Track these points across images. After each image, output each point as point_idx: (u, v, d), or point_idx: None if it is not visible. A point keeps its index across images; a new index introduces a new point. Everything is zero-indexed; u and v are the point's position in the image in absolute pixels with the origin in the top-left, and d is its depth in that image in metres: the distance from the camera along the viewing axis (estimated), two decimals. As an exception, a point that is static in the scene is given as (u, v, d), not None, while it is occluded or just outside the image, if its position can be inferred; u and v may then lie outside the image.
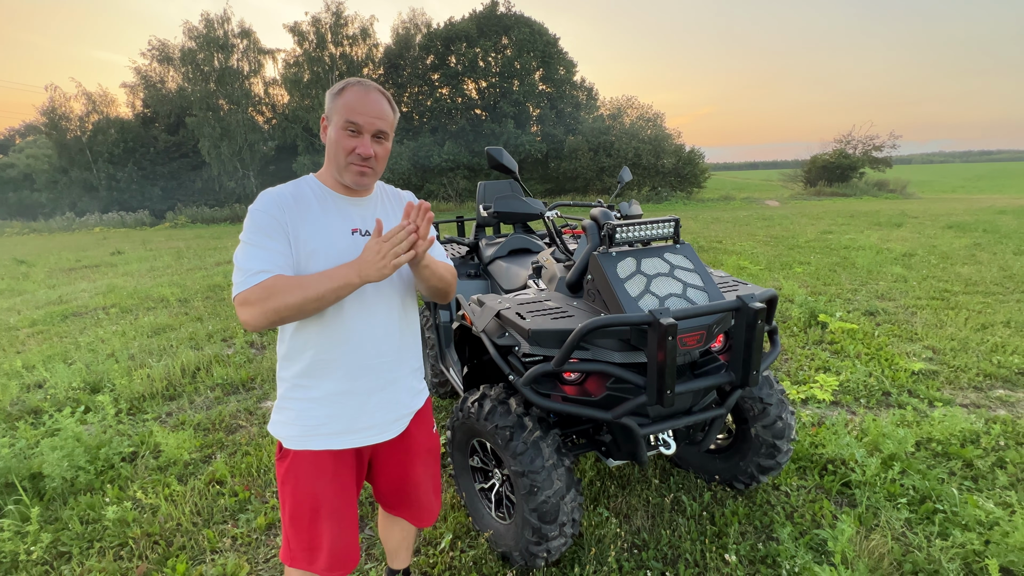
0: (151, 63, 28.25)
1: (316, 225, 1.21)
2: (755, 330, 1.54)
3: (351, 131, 1.20)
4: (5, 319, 6.09)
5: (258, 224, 1.17)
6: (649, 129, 26.47)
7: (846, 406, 3.10)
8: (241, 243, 1.17)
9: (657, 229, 1.77)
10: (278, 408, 1.32)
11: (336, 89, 1.21)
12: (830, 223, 12.33)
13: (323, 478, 1.29)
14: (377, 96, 1.22)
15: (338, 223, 1.24)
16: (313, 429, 1.28)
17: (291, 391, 1.28)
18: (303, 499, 1.29)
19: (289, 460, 1.29)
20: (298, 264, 1.18)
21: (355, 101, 1.19)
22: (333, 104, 1.20)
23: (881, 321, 4.63)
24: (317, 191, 1.26)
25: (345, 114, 1.18)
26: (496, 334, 1.84)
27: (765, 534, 2.03)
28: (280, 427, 1.31)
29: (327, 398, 1.27)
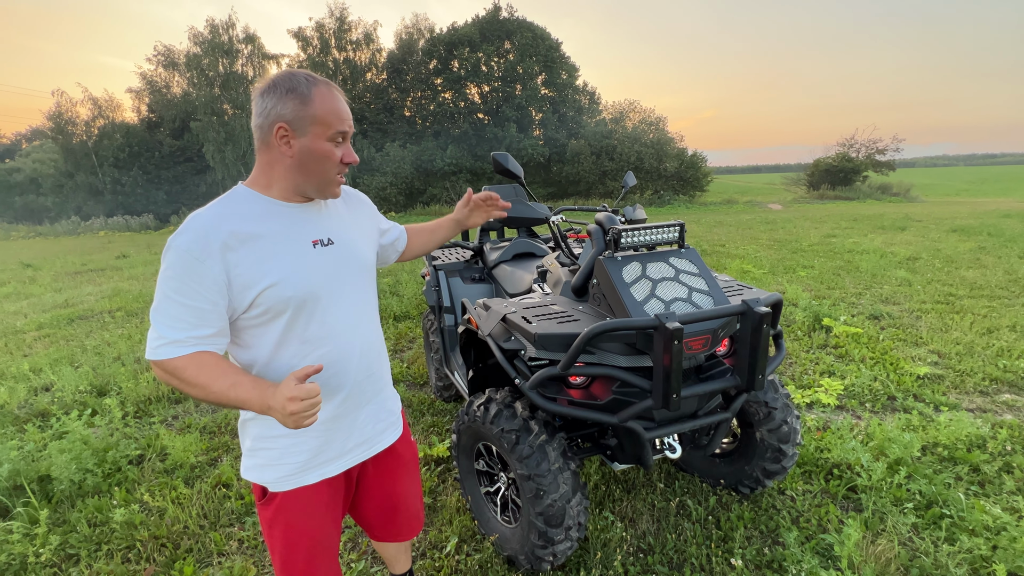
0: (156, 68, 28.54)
1: (267, 253, 1.03)
2: (760, 334, 1.55)
3: (338, 141, 1.07)
4: (12, 322, 6.13)
5: (178, 271, 0.97)
6: (651, 133, 26.52)
7: (851, 410, 3.09)
8: (159, 286, 0.99)
9: (662, 233, 1.78)
10: (251, 452, 1.16)
11: (293, 90, 1.01)
12: (833, 227, 12.31)
13: (317, 512, 1.20)
14: (341, 94, 1.09)
15: (294, 239, 1.08)
16: (303, 465, 1.16)
17: (267, 430, 1.13)
18: (297, 540, 1.18)
19: (277, 503, 1.17)
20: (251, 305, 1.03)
21: (334, 106, 1.05)
22: (302, 111, 1.01)
23: (886, 325, 4.62)
24: (262, 208, 1.07)
25: (331, 124, 1.04)
26: (502, 338, 1.85)
27: (771, 538, 2.03)
28: (260, 471, 1.16)
29: (316, 428, 1.15)
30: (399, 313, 5.50)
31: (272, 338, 1.07)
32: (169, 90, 28.81)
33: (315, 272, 1.08)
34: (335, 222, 1.18)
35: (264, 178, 1.09)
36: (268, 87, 1.03)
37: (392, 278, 7.33)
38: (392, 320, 5.29)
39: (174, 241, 0.99)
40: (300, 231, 1.09)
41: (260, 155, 1.08)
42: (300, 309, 1.07)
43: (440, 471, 2.56)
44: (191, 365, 0.99)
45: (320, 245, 1.11)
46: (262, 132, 1.05)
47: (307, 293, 1.07)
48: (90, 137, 28.45)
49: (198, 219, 1.01)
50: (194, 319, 0.99)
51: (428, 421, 3.10)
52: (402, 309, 5.60)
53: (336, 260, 1.13)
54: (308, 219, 1.12)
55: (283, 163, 1.06)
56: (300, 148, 1.04)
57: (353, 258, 1.18)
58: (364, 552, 2.06)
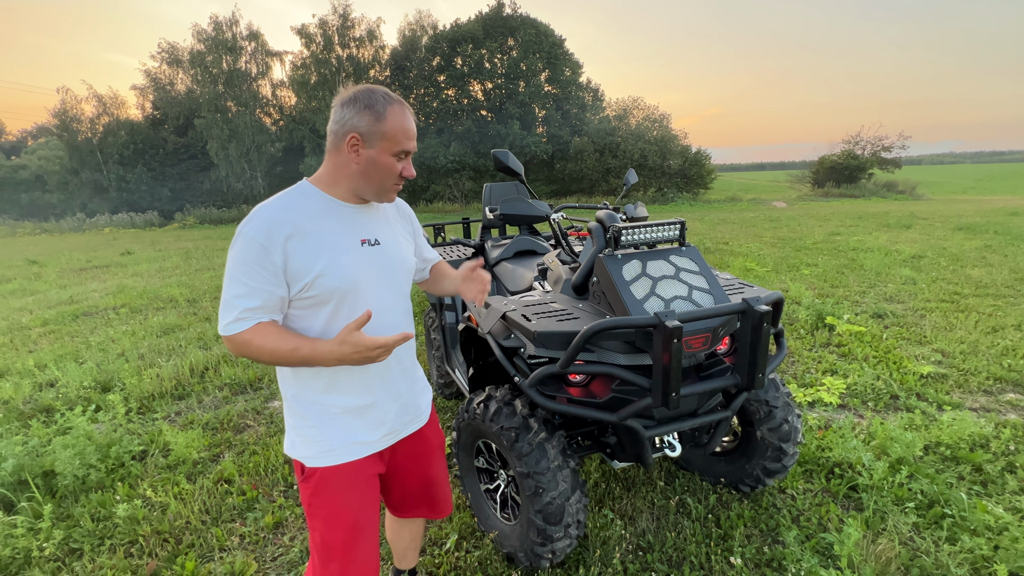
0: (161, 65, 28.62)
1: (321, 246, 1.14)
2: (761, 333, 1.54)
3: (401, 156, 1.17)
4: (18, 318, 6.18)
5: (246, 255, 1.09)
6: (655, 130, 26.42)
7: (853, 409, 3.08)
8: (228, 268, 1.11)
9: (663, 231, 1.78)
10: (294, 428, 1.25)
11: (371, 106, 1.11)
12: (838, 224, 12.24)
13: (356, 490, 1.25)
14: (411, 114, 1.18)
15: (346, 236, 1.19)
16: (341, 439, 1.24)
17: (309, 409, 1.23)
18: (340, 517, 1.22)
19: (316, 479, 1.22)
20: (303, 289, 1.13)
21: (404, 125, 1.14)
22: (375, 127, 1.11)
23: (889, 324, 4.60)
24: (321, 204, 1.18)
25: (399, 142, 1.14)
26: (502, 336, 1.85)
27: (771, 537, 2.02)
28: (301, 447, 1.24)
29: (354, 411, 1.25)
30: (401, 310, 5.50)
31: (319, 322, 1.17)
32: (173, 87, 28.90)
33: (360, 267, 1.18)
34: (383, 226, 1.28)
35: (329, 178, 1.19)
36: (350, 99, 1.12)
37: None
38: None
39: (244, 228, 1.09)
40: (352, 229, 1.20)
41: (330, 157, 1.18)
42: (344, 299, 1.16)
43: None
44: (256, 336, 1.10)
45: (367, 244, 1.22)
46: (336, 138, 1.15)
47: (350, 285, 1.16)
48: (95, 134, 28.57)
49: (266, 209, 1.12)
50: (256, 298, 1.09)
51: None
52: (404, 306, 5.60)
53: (380, 259, 1.23)
54: (361, 220, 1.23)
55: (349, 168, 1.16)
56: (367, 158, 1.14)
57: (395, 259, 1.28)
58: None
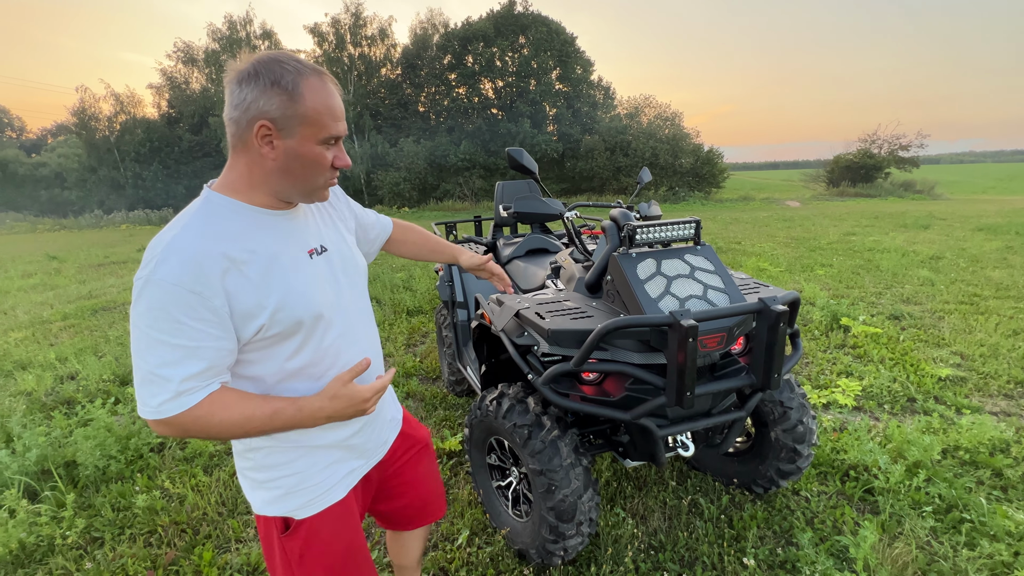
0: (176, 64, 29.05)
1: (273, 270, 0.90)
2: (777, 333, 1.53)
3: (330, 143, 0.92)
4: (39, 312, 6.32)
5: (169, 310, 0.81)
6: (667, 128, 26.22)
7: (869, 412, 3.04)
8: (139, 331, 0.82)
9: (678, 230, 1.77)
10: (262, 484, 1.03)
11: (278, 82, 0.84)
12: (853, 224, 12.06)
13: (351, 523, 1.12)
14: (336, 87, 0.92)
15: (292, 252, 0.95)
16: (330, 479, 1.08)
17: (284, 457, 1.02)
18: (337, 560, 1.08)
19: (305, 532, 1.05)
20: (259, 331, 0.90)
21: (328, 103, 0.88)
22: (290, 109, 0.85)
23: (906, 325, 4.53)
24: (246, 220, 0.91)
25: (324, 125, 0.88)
26: (515, 333, 1.86)
27: (784, 539, 2.01)
28: (280, 503, 1.03)
29: (337, 444, 1.08)
30: (412, 308, 5.54)
31: (279, 360, 0.96)
32: (188, 86, 29.31)
33: (318, 284, 0.98)
34: (322, 225, 1.07)
35: (243, 182, 0.92)
36: (248, 74, 0.84)
37: (405, 272, 7.37)
38: (405, 315, 5.34)
39: (155, 275, 0.80)
40: (294, 242, 0.96)
41: (236, 155, 0.91)
42: (314, 325, 0.97)
43: (452, 464, 2.59)
44: (214, 409, 0.86)
45: (315, 254, 1.00)
46: (239, 128, 0.87)
47: (317, 310, 0.96)
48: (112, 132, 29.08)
49: (180, 243, 0.83)
50: (199, 359, 0.84)
51: (440, 415, 3.13)
52: (415, 304, 5.64)
53: (332, 267, 1.04)
54: (297, 227, 0.99)
55: (264, 166, 0.90)
56: (285, 151, 0.88)
57: (347, 261, 1.09)
58: (377, 542, 2.09)
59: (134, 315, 0.83)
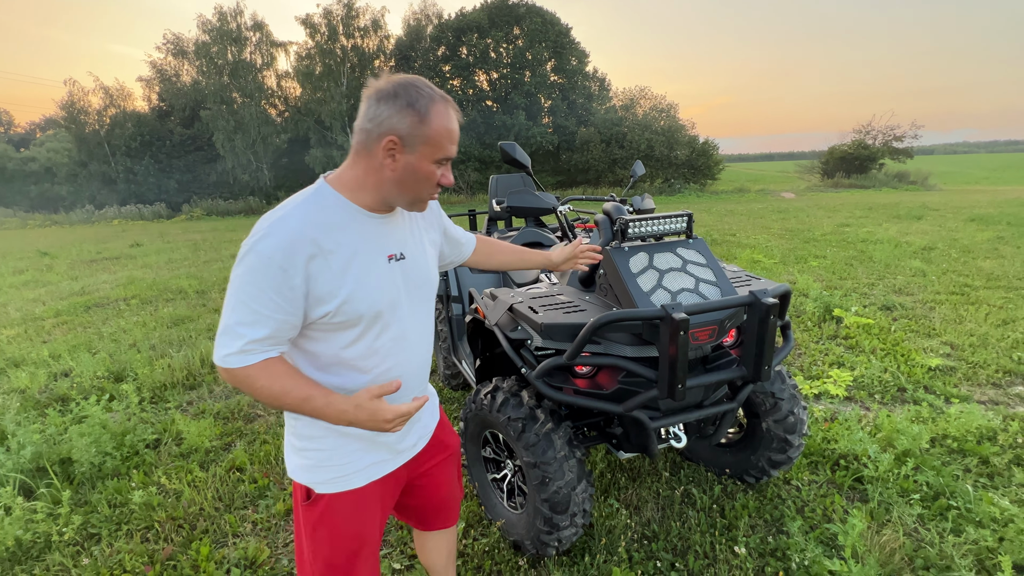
0: (166, 56, 28.67)
1: (348, 266, 1.00)
2: (767, 325, 1.55)
3: (442, 162, 1.03)
4: (31, 309, 6.28)
5: (258, 278, 0.92)
6: (662, 120, 26.19)
7: (860, 402, 3.08)
8: (233, 288, 0.94)
9: (670, 224, 1.78)
10: (298, 451, 1.13)
11: (413, 105, 0.95)
12: (847, 216, 12.12)
13: (366, 514, 1.16)
14: (457, 114, 1.03)
15: (372, 252, 1.04)
16: (352, 467, 1.13)
17: (321, 431, 1.10)
18: (344, 543, 1.14)
19: (324, 506, 1.12)
20: (326, 316, 1.00)
21: (449, 127, 1.00)
22: (417, 130, 0.96)
23: (898, 316, 4.57)
24: (344, 215, 1.02)
25: (443, 147, 1.00)
26: (509, 328, 1.87)
27: (775, 527, 2.04)
28: (308, 472, 1.12)
29: (364, 436, 1.13)
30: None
31: (336, 346, 1.06)
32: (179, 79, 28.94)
33: (387, 288, 1.06)
34: (408, 234, 1.15)
35: (356, 183, 1.03)
36: (388, 94, 0.96)
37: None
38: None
39: (258, 246, 0.93)
40: (378, 244, 1.06)
41: (358, 159, 1.02)
42: (372, 324, 1.05)
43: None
44: (263, 374, 0.96)
45: (394, 260, 1.09)
46: (368, 139, 0.98)
47: (378, 309, 1.05)
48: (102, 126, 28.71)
49: (285, 225, 0.95)
50: (264, 327, 0.94)
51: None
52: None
53: (405, 275, 1.11)
54: (387, 232, 1.08)
55: (381, 175, 1.01)
56: (404, 164, 0.99)
57: (421, 273, 1.16)
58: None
59: (233, 275, 0.95)
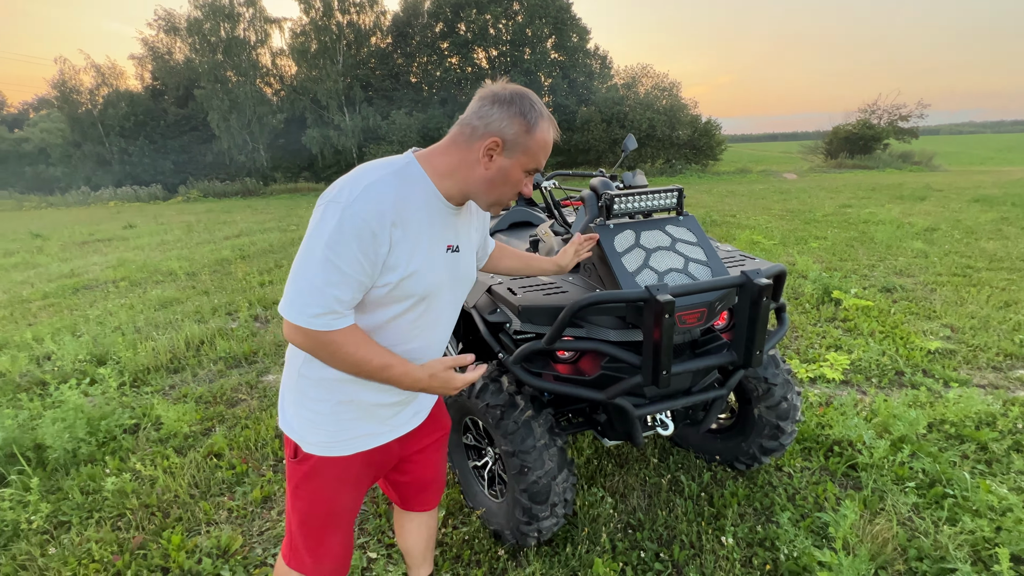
0: (158, 34, 27.93)
1: (421, 243, 1.04)
2: (760, 308, 1.45)
3: (531, 173, 1.08)
4: (19, 291, 6.19)
5: (349, 238, 0.93)
6: (664, 99, 25.66)
7: (856, 386, 3.00)
8: (320, 245, 0.93)
9: (659, 200, 1.67)
10: (299, 405, 1.14)
11: (525, 115, 1.01)
12: (850, 196, 11.93)
13: (348, 483, 1.19)
14: (555, 132, 1.10)
15: (439, 239, 1.08)
16: (348, 432, 1.15)
17: (326, 395, 1.12)
18: (320, 506, 1.19)
19: (311, 466, 1.15)
20: (388, 286, 1.02)
21: (548, 142, 1.06)
22: (521, 138, 1.01)
23: (898, 298, 4.47)
24: (426, 196, 1.04)
25: (537, 159, 1.05)
26: (487, 310, 1.78)
27: (765, 516, 1.97)
28: (302, 430, 1.15)
29: (377, 407, 1.16)
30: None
31: (379, 319, 1.09)
32: (171, 56, 28.29)
33: (440, 274, 1.10)
34: (464, 231, 1.18)
35: (445, 169, 1.06)
36: (505, 99, 1.01)
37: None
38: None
39: (353, 206, 0.93)
40: (444, 232, 1.10)
41: (455, 149, 1.05)
42: (419, 302, 1.09)
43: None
44: (348, 340, 0.99)
45: (451, 251, 1.13)
46: (474, 133, 1.02)
47: (429, 291, 1.09)
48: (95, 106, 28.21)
49: (380, 189, 0.96)
50: (349, 289, 0.97)
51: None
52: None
53: (455, 267, 1.15)
54: (452, 223, 1.12)
55: (474, 170, 1.05)
56: (499, 167, 1.04)
57: (467, 269, 1.21)
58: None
59: (318, 232, 0.94)
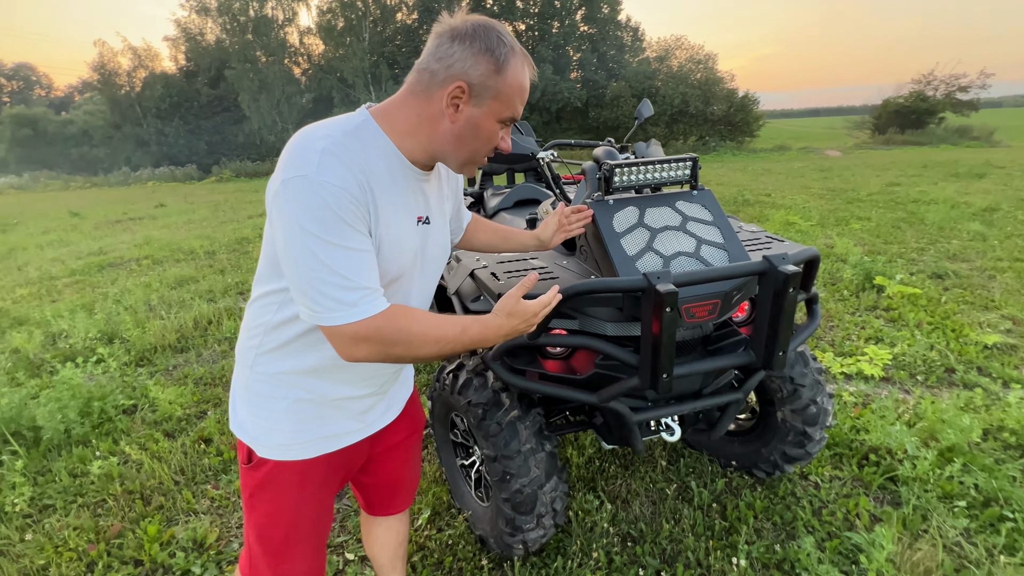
0: (190, 15, 28.33)
1: (388, 216, 0.87)
2: (785, 300, 1.20)
3: (506, 123, 0.90)
4: (49, 269, 6.36)
5: (339, 211, 0.78)
6: (699, 72, 24.46)
7: (899, 384, 2.69)
8: (311, 241, 0.77)
9: (668, 171, 1.42)
10: (252, 404, 1.00)
11: (492, 51, 0.82)
12: (898, 174, 11.09)
13: (310, 490, 1.04)
14: (532, 72, 0.91)
15: (407, 212, 0.92)
16: (309, 433, 1.01)
17: (279, 390, 0.98)
18: (280, 517, 1.04)
19: (266, 472, 1.01)
20: None
21: (523, 84, 0.87)
22: (491, 80, 0.83)
23: (950, 285, 4.05)
24: (389, 161, 0.87)
25: (512, 105, 0.87)
26: (470, 297, 1.59)
27: (785, 533, 1.75)
28: (256, 432, 1.00)
29: (345, 402, 1.02)
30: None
31: None
32: (203, 37, 28.68)
33: (410, 251, 0.94)
34: (435, 198, 1.03)
35: (405, 127, 0.88)
36: (464, 34, 0.82)
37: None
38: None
39: (320, 176, 0.76)
40: (411, 202, 0.93)
41: (414, 101, 0.86)
42: (391, 283, 0.93)
43: (427, 433, 2.39)
44: (412, 315, 0.85)
45: (421, 223, 0.96)
46: (433, 79, 0.84)
47: (399, 270, 0.94)
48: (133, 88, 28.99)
49: (340, 149, 0.80)
50: (369, 263, 0.83)
51: (421, 380, 2.94)
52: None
53: (425, 241, 0.99)
54: (421, 191, 0.96)
55: (438, 125, 0.87)
56: (467, 118, 0.86)
57: (440, 243, 1.05)
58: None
59: (289, 217, 0.78)
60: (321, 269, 0.78)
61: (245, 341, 1.01)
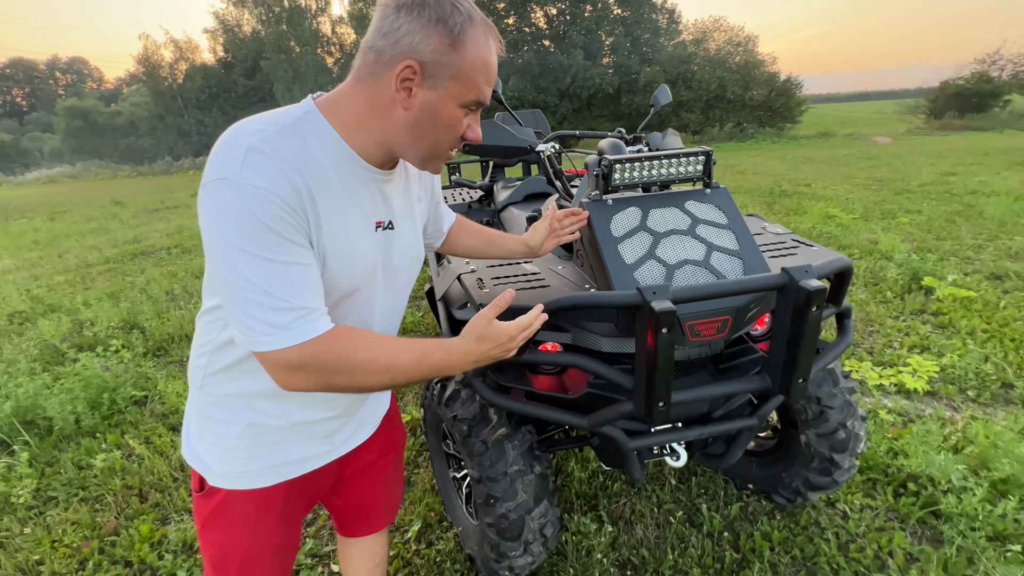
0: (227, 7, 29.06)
1: (336, 222, 0.76)
2: (806, 321, 1.03)
3: (472, 108, 0.77)
4: (86, 256, 6.62)
5: (269, 217, 0.66)
6: (738, 56, 23.37)
7: (947, 400, 2.43)
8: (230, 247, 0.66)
9: (677, 166, 1.25)
10: (204, 429, 0.91)
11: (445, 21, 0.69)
12: (955, 163, 10.28)
13: (267, 520, 0.95)
14: (499, 47, 0.78)
15: (363, 215, 0.81)
16: (265, 460, 0.91)
17: (231, 414, 0.88)
18: (235, 550, 0.95)
19: (218, 501, 0.92)
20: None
21: (488, 60, 0.74)
22: (446, 56, 0.70)
23: (1011, 288, 3.67)
24: (337, 157, 0.76)
25: (476, 86, 0.74)
26: (457, 304, 1.47)
27: (805, 570, 1.57)
28: (208, 458, 0.90)
29: (307, 426, 0.93)
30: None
31: None
32: (240, 29, 29.40)
33: (367, 261, 0.83)
34: (400, 200, 0.91)
35: (353, 118, 0.76)
36: (413, 2, 0.69)
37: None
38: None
39: (242, 179, 0.65)
40: (367, 205, 0.82)
41: (360, 87, 0.74)
42: (341, 300, 0.83)
43: (422, 440, 2.31)
44: (357, 338, 0.75)
45: (382, 228, 0.85)
46: (378, 59, 0.71)
47: (353, 284, 0.82)
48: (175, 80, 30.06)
49: (271, 147, 0.68)
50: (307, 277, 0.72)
51: (414, 389, 2.85)
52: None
53: (388, 250, 0.88)
54: (380, 192, 0.84)
55: (391, 114, 0.74)
56: (423, 103, 0.73)
57: (407, 251, 0.94)
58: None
59: (211, 228, 0.67)
60: (247, 288, 0.68)
61: (194, 360, 0.91)
